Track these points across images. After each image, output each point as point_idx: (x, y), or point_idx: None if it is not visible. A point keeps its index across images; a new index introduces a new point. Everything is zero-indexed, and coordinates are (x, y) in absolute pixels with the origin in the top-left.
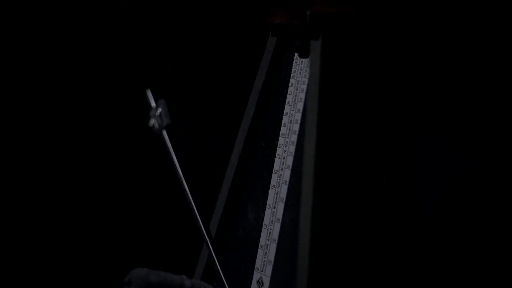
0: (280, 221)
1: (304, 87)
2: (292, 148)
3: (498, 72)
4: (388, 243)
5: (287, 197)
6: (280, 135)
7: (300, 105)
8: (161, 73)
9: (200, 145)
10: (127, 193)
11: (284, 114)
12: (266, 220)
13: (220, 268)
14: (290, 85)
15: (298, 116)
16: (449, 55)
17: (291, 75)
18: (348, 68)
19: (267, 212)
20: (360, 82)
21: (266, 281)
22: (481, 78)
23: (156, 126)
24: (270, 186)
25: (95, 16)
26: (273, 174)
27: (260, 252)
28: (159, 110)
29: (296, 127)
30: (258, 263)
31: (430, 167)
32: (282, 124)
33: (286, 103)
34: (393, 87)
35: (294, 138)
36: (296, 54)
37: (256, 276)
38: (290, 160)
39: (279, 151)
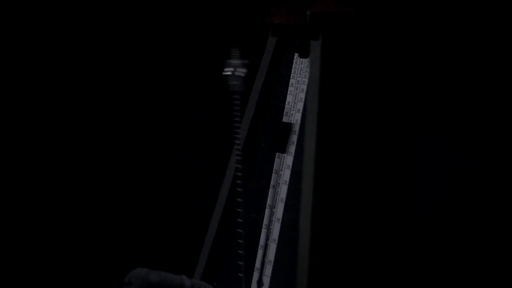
0: (280, 221)
1: (304, 87)
2: (292, 148)
3: (498, 72)
4: (388, 243)
5: (287, 197)
6: None
7: (300, 105)
8: (161, 73)
9: (201, 145)
10: (127, 193)
11: (284, 114)
12: (266, 220)
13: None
14: (290, 85)
15: (298, 116)
16: (449, 55)
17: (291, 75)
18: (348, 68)
19: (267, 212)
20: (360, 82)
21: (266, 281)
22: (481, 78)
23: (233, 82)
24: (270, 186)
25: (95, 15)
26: (273, 174)
27: (260, 252)
28: (242, 71)
29: (296, 127)
30: (258, 263)
31: (430, 167)
32: None
33: (286, 103)
34: (393, 87)
35: (294, 138)
36: (296, 54)
37: (256, 276)
38: (290, 160)
39: None
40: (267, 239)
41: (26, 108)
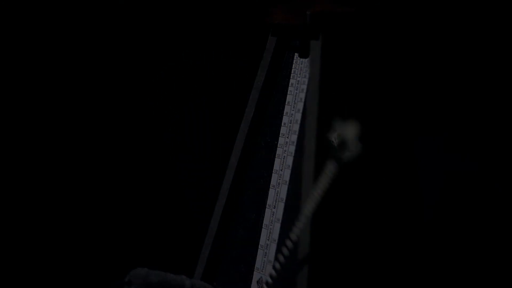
0: (280, 221)
1: (304, 87)
2: (292, 148)
3: (498, 72)
4: (388, 243)
5: (287, 197)
6: (280, 135)
7: (300, 105)
8: (162, 73)
9: (201, 145)
10: (127, 193)
11: (284, 114)
12: (266, 220)
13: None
14: (290, 85)
15: (298, 116)
16: (449, 55)
17: (291, 75)
18: (348, 68)
19: (267, 212)
20: (360, 82)
21: (266, 281)
22: (481, 78)
23: (337, 158)
24: (270, 186)
25: (95, 15)
26: (273, 174)
27: (260, 252)
28: (350, 152)
29: (296, 127)
30: (258, 263)
31: (430, 167)
32: (282, 124)
33: (286, 103)
34: (393, 87)
35: (294, 138)
36: (296, 54)
37: (256, 276)
38: (290, 160)
39: (279, 151)
40: (267, 239)
41: (26, 108)
